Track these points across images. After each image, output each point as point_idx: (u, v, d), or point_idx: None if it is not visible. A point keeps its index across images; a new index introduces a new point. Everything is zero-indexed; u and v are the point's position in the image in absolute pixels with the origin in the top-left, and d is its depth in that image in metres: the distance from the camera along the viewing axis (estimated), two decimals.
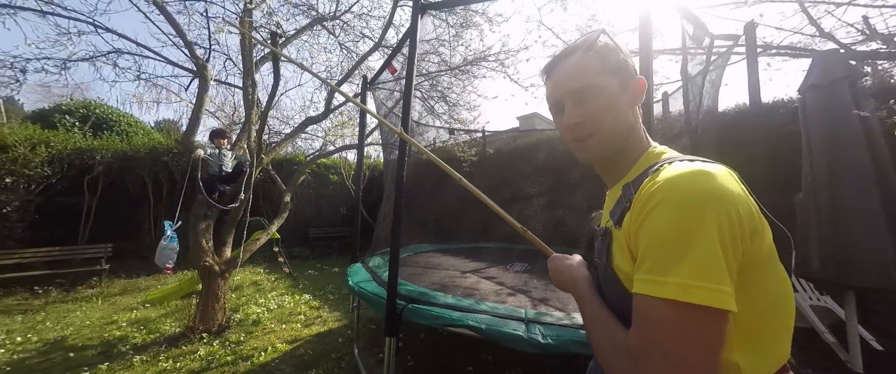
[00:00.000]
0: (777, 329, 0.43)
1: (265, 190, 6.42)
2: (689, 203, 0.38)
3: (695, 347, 0.35)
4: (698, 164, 0.42)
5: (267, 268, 5.38)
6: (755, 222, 0.40)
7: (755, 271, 0.40)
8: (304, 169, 4.49)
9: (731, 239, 0.36)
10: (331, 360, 2.40)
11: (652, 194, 0.41)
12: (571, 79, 0.53)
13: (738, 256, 0.37)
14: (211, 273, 2.82)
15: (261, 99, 4.04)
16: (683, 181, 0.40)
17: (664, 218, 0.39)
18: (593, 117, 0.52)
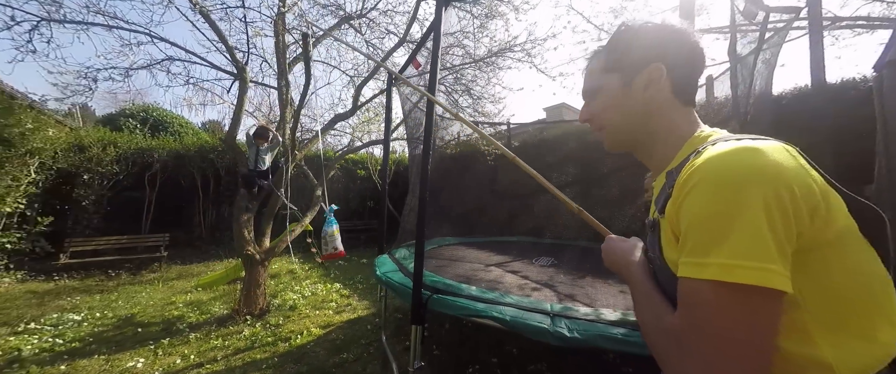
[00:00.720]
0: (870, 318, 0.38)
1: (298, 185, 6.80)
2: (730, 182, 0.36)
3: (741, 329, 0.33)
4: (745, 141, 0.40)
5: (300, 258, 5.71)
6: (816, 200, 0.36)
7: (826, 254, 0.37)
8: (333, 164, 4.69)
9: (781, 218, 0.34)
10: (360, 345, 2.52)
11: (689, 176, 0.40)
12: (584, 81, 0.60)
13: (791, 236, 0.34)
14: (252, 261, 3.06)
15: (294, 98, 4.26)
16: (724, 160, 0.38)
17: (703, 198, 0.37)
18: (598, 115, 0.57)
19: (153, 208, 5.72)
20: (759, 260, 0.33)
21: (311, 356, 2.34)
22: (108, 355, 2.32)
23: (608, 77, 0.55)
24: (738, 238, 0.34)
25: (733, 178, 0.36)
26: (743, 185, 0.35)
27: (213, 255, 5.64)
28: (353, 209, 7.68)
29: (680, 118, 0.52)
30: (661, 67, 0.51)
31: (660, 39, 0.51)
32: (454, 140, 6.14)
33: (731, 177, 0.36)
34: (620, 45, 0.54)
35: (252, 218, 3.33)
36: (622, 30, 0.54)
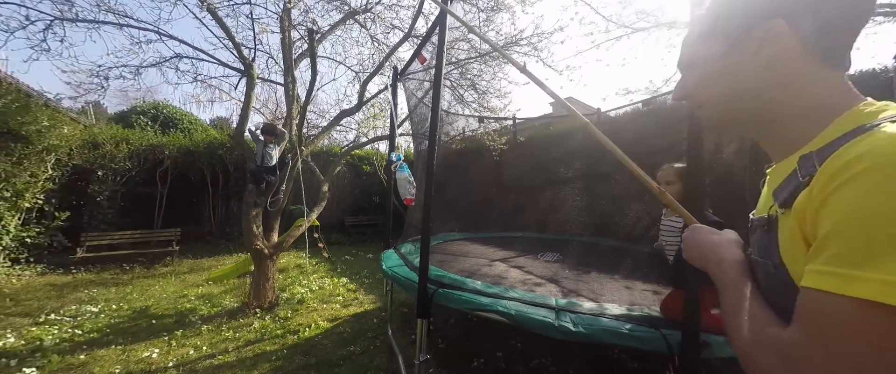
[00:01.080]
0: None
1: (305, 180, 6.87)
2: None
3: (884, 367, 0.27)
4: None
5: (308, 253, 5.79)
6: None
7: None
8: (339, 160, 4.72)
9: None
10: (367, 338, 2.56)
11: (848, 163, 0.31)
12: (682, 49, 0.51)
13: None
14: (261, 256, 3.11)
15: (300, 94, 4.29)
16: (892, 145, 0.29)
17: (870, 192, 0.29)
18: (695, 90, 0.48)
19: (165, 204, 5.85)
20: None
21: (319, 349, 2.39)
22: (125, 345, 2.40)
23: (707, 43, 0.45)
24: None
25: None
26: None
27: (224, 249, 5.76)
28: (358, 205, 7.74)
29: (821, 86, 0.39)
30: (779, 23, 0.39)
31: None
32: (459, 135, 6.13)
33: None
34: (722, 8, 0.44)
35: (260, 213, 3.39)
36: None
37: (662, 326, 1.08)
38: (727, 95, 0.45)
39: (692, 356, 0.90)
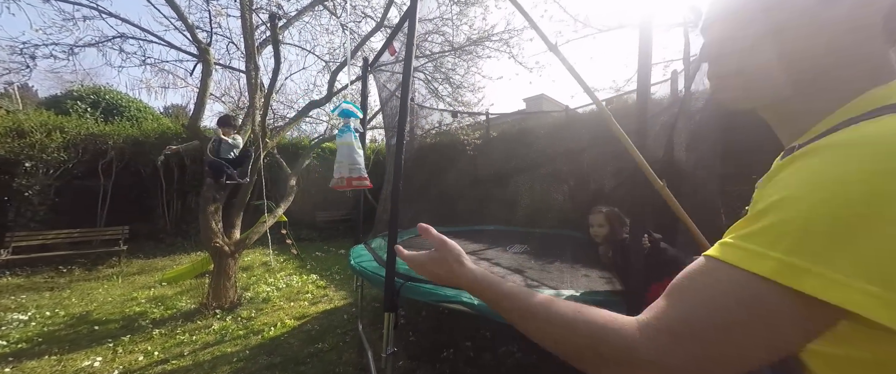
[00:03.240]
0: None
1: (272, 174, 6.55)
2: (858, 163, 0.24)
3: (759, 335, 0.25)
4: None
5: (276, 250, 5.54)
6: None
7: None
8: (308, 153, 4.54)
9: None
10: (336, 335, 2.52)
11: (807, 152, 0.28)
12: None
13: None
14: (221, 254, 2.94)
15: (265, 83, 4.05)
16: (879, 131, 0.26)
17: (806, 176, 0.26)
18: (744, 48, 0.34)
19: (109, 199, 5.31)
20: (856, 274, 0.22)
21: (285, 348, 2.31)
22: (61, 355, 2.17)
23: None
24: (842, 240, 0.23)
25: (869, 159, 0.24)
26: (881, 174, 0.23)
27: (180, 248, 5.36)
28: (330, 200, 7.51)
29: (881, 63, 0.31)
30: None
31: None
32: (434, 129, 6.11)
33: (866, 158, 0.24)
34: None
35: (220, 208, 3.19)
36: None
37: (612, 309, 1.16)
38: (793, 55, 0.32)
39: None
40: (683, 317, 0.28)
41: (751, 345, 0.26)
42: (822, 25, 0.31)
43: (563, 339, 0.34)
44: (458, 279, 0.48)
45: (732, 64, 0.36)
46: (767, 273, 0.25)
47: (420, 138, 5.42)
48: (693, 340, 0.27)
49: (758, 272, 0.25)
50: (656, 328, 0.29)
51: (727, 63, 0.37)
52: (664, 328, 0.29)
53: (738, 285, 0.26)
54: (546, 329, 0.36)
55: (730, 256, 0.27)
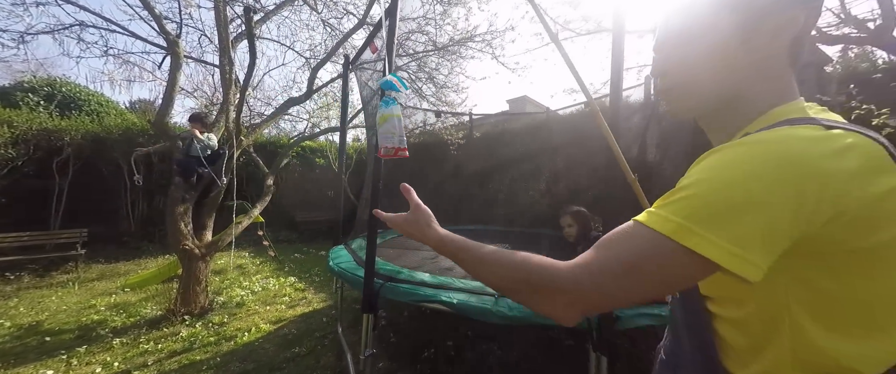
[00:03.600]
0: (875, 337, 0.35)
1: (248, 173, 6.29)
2: (752, 157, 0.32)
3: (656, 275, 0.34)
4: (811, 130, 0.34)
5: (252, 252, 5.34)
6: (861, 200, 0.31)
7: (857, 260, 0.34)
8: (286, 152, 4.40)
9: (786, 206, 0.30)
10: (314, 338, 2.45)
11: (722, 147, 0.36)
12: (678, 14, 0.44)
13: (787, 226, 0.31)
14: (191, 257, 2.79)
15: (240, 78, 3.89)
16: (767, 138, 0.34)
17: (712, 163, 0.34)
18: (683, 67, 0.43)
19: (65, 200, 4.93)
20: (732, 242, 0.31)
21: (260, 353, 2.22)
22: (5, 369, 1.99)
23: (723, 17, 0.40)
24: (726, 214, 0.31)
25: (761, 155, 0.32)
26: (771, 169, 0.31)
27: (145, 252, 5.05)
28: (310, 200, 7.32)
29: (785, 86, 0.41)
30: (798, 17, 0.38)
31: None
32: (418, 129, 6.08)
33: (759, 154, 0.32)
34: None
35: (190, 209, 3.02)
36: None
37: None
38: (720, 80, 0.41)
39: (607, 328, 1.03)
40: (601, 259, 0.36)
41: (647, 282, 0.34)
42: (743, 53, 0.40)
43: (507, 277, 0.42)
44: (427, 239, 0.55)
45: (675, 80, 0.45)
46: (668, 233, 0.33)
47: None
48: (602, 274, 0.35)
49: (662, 231, 0.33)
50: (578, 266, 0.37)
51: (671, 79, 0.45)
52: (584, 265, 0.36)
53: (647, 239, 0.34)
54: (494, 271, 0.43)
55: (647, 219, 0.35)
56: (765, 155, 0.32)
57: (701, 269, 0.32)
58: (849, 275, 0.34)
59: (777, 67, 0.41)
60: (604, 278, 0.35)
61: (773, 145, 0.33)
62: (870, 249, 0.33)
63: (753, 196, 0.31)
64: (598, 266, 0.36)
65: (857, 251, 0.33)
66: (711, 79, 0.42)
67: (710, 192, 0.33)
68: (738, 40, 0.40)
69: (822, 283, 0.35)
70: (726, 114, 0.43)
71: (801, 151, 0.32)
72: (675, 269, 0.33)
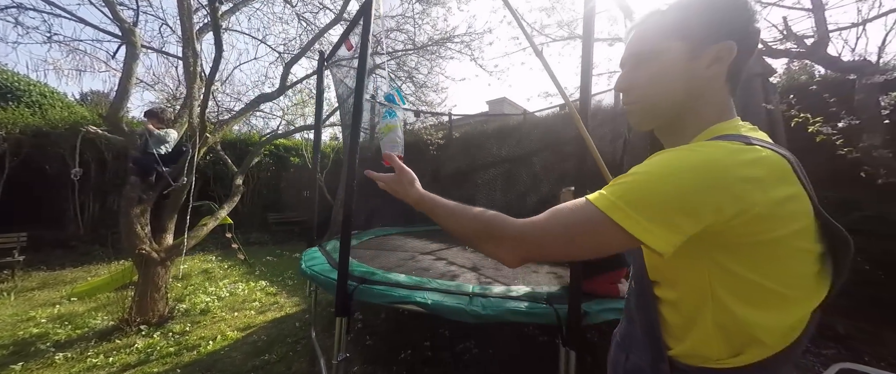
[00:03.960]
0: (779, 311, 0.43)
1: (216, 172, 5.95)
2: (679, 161, 0.41)
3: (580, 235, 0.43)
4: (731, 144, 0.41)
5: (219, 255, 5.06)
6: (757, 203, 0.38)
7: (760, 249, 0.41)
8: (258, 150, 4.20)
9: (702, 203, 0.38)
10: (286, 344, 2.36)
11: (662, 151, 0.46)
12: (638, 40, 0.51)
13: (698, 220, 0.38)
14: (148, 262, 2.59)
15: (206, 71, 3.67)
16: (694, 147, 0.43)
17: (650, 162, 0.43)
18: (641, 84, 0.51)
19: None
20: (648, 220, 0.39)
21: (226, 362, 2.11)
22: None
23: (672, 43, 0.48)
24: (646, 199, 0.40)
25: (686, 161, 0.41)
26: (688, 169, 0.39)
27: (96, 257, 4.64)
28: (284, 200, 7.04)
29: (716, 105, 0.49)
30: (733, 47, 0.45)
31: (736, 15, 0.46)
32: None
33: (685, 160, 0.41)
34: (694, 9, 0.47)
35: (148, 211, 2.81)
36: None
37: (554, 301, 1.24)
38: (672, 98, 0.49)
39: (574, 324, 1.07)
40: (549, 221, 0.45)
41: (576, 243, 0.43)
42: (690, 75, 0.48)
43: (469, 226, 0.52)
44: (409, 197, 0.64)
45: (637, 96, 0.52)
46: (603, 208, 0.42)
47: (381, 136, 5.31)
48: (545, 233, 0.45)
49: (598, 206, 0.42)
50: (528, 222, 0.46)
51: (634, 96, 0.53)
52: (532, 222, 0.46)
53: (588, 212, 0.43)
54: (459, 221, 0.53)
55: (592, 197, 0.44)
56: (692, 159, 0.41)
57: (624, 239, 0.41)
58: (755, 261, 0.42)
59: (718, 90, 0.49)
60: (546, 235, 0.45)
61: (701, 153, 0.41)
62: (770, 241, 0.41)
63: (676, 188, 0.39)
64: (542, 226, 0.45)
65: (761, 243, 0.41)
66: (665, 98, 0.50)
67: (646, 181, 0.41)
68: (684, 65, 0.48)
69: (735, 267, 0.43)
70: (678, 128, 0.52)
71: (719, 159, 0.40)
72: (603, 236, 0.42)
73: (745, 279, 0.42)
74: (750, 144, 0.42)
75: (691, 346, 0.48)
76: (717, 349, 0.45)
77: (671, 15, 0.49)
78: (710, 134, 0.48)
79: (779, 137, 1.66)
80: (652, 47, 0.49)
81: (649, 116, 0.52)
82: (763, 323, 0.43)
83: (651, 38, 0.50)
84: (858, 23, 1.99)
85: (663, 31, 0.49)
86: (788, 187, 0.41)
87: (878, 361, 2.06)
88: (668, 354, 0.50)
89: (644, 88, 0.51)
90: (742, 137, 0.44)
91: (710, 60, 0.47)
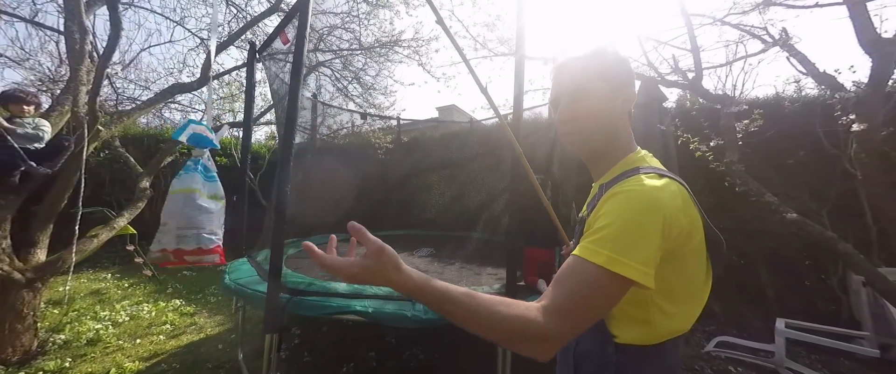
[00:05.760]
0: (688, 303, 0.58)
1: (114, 173, 4.97)
2: (636, 205, 0.49)
3: (600, 301, 0.47)
4: (655, 179, 0.53)
5: (117, 272, 4.22)
6: (682, 225, 0.51)
7: (677, 260, 0.53)
8: (172, 148, 3.63)
9: (660, 236, 0.47)
10: (206, 370, 2.07)
11: (613, 193, 0.53)
12: (571, 78, 0.61)
13: (661, 248, 0.48)
14: (7, 284, 2.05)
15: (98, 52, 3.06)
16: (639, 189, 0.51)
17: (616, 210, 0.50)
18: (580, 118, 0.60)
19: None
20: (640, 263, 0.45)
21: None
22: None
23: (601, 84, 0.59)
24: (628, 242, 0.46)
25: (640, 201, 0.49)
26: (644, 208, 0.48)
27: None
28: None
29: (628, 138, 0.63)
30: (634, 93, 0.61)
31: (630, 69, 0.62)
32: (345, 129, 5.74)
33: (639, 200, 0.49)
34: (612, 60, 0.60)
35: (7, 220, 2.22)
36: (610, 49, 0.62)
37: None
38: (596, 130, 0.60)
39: None
40: (560, 299, 0.46)
41: (596, 309, 0.47)
42: (612, 113, 0.60)
43: (497, 330, 0.45)
44: (398, 286, 0.48)
45: (574, 127, 0.61)
46: (602, 263, 0.46)
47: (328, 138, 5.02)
48: (571, 314, 0.45)
49: (597, 262, 0.46)
50: (551, 311, 0.45)
51: (572, 126, 0.62)
52: (555, 310, 0.45)
53: (589, 271, 0.46)
54: (484, 324, 0.45)
55: (583, 253, 0.48)
56: (639, 201, 0.50)
57: (624, 287, 0.46)
58: (679, 268, 0.54)
59: (626, 127, 0.63)
60: (567, 318, 0.45)
61: (641, 194, 0.50)
62: (688, 252, 0.54)
63: (641, 229, 0.47)
64: (566, 307, 0.46)
65: (682, 254, 0.53)
66: (598, 130, 0.60)
67: (620, 230, 0.48)
68: (608, 104, 0.59)
69: (667, 275, 0.52)
70: (601, 157, 0.64)
71: (657, 197, 0.50)
72: (610, 291, 0.46)
73: (672, 283, 0.54)
74: (663, 176, 0.55)
75: (631, 333, 0.58)
76: (650, 334, 0.56)
77: (593, 61, 0.60)
78: (628, 164, 0.60)
79: (671, 152, 2.01)
80: (585, 86, 0.59)
81: (586, 145, 0.62)
82: (682, 314, 0.57)
83: (586, 77, 0.60)
84: (725, 63, 2.52)
85: (591, 74, 0.59)
86: (692, 209, 0.55)
87: (742, 332, 2.61)
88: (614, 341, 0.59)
89: (583, 121, 0.60)
90: (655, 169, 0.57)
91: (623, 101, 0.60)
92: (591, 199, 0.65)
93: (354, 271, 0.48)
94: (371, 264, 0.48)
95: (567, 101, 0.61)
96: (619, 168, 0.60)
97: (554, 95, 0.64)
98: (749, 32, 2.52)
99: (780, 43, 2.08)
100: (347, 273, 0.49)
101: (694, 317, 0.59)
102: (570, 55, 0.63)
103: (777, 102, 2.95)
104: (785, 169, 2.79)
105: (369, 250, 0.49)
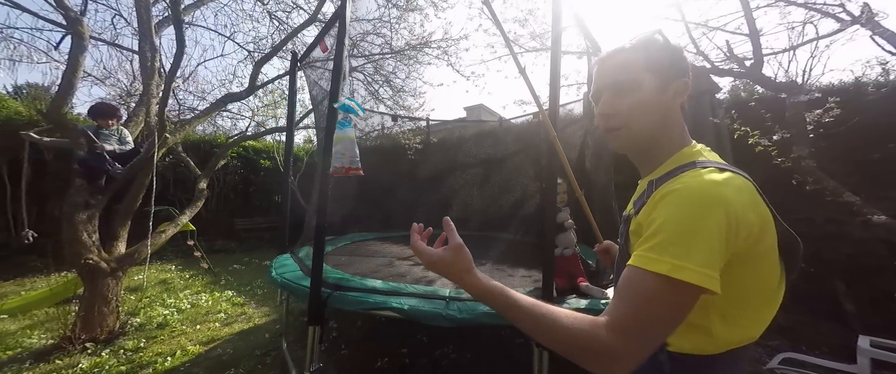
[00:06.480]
0: (757, 311, 0.51)
1: (177, 175, 5.55)
2: (695, 203, 0.44)
3: (669, 313, 0.42)
4: (715, 173, 0.47)
5: (180, 265, 4.71)
6: (751, 223, 0.45)
7: (748, 263, 0.47)
8: (224, 152, 3.98)
9: (725, 236, 0.42)
10: (254, 357, 2.24)
11: (668, 189, 0.48)
12: (614, 71, 0.57)
13: (726, 249, 0.43)
14: (96, 272, 2.37)
15: (166, 67, 3.43)
16: (697, 184, 0.46)
17: (672, 210, 0.45)
18: (624, 112, 0.55)
19: None
20: (702, 265, 0.41)
21: None
22: None
23: (648, 76, 0.54)
24: (691, 246, 0.42)
25: (699, 199, 0.44)
26: (705, 207, 0.43)
27: (34, 269, 4.17)
28: (253, 205, 6.70)
29: (680, 131, 0.57)
30: (687, 83, 0.55)
31: (683, 57, 0.56)
32: (376, 132, 5.93)
33: (697, 198, 0.44)
34: (659, 49, 0.55)
35: (96, 216, 2.57)
36: (658, 38, 0.56)
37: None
38: (644, 125, 0.55)
39: None
40: (626, 317, 0.43)
41: (665, 322, 0.43)
42: (661, 105, 0.55)
43: (563, 342, 0.44)
44: (466, 287, 0.53)
45: (617, 122, 0.57)
46: (663, 271, 0.42)
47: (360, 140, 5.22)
48: (639, 332, 0.42)
49: (656, 271, 0.42)
50: (615, 328, 0.42)
51: (615, 121, 0.57)
52: (620, 327, 0.42)
53: (647, 283, 0.43)
54: (549, 336, 0.45)
55: (640, 262, 0.45)
56: (698, 197, 0.45)
57: (693, 296, 0.42)
58: (750, 271, 0.48)
59: (679, 119, 0.57)
60: (635, 337, 0.41)
61: (700, 190, 0.46)
62: (760, 253, 0.48)
63: (702, 228, 0.42)
64: (632, 324, 0.42)
65: (753, 256, 0.47)
66: (645, 124, 0.56)
67: (677, 231, 0.43)
68: (657, 96, 0.54)
69: (736, 279, 0.47)
70: (651, 152, 0.58)
71: (719, 193, 0.45)
72: (677, 302, 0.42)
73: (741, 289, 0.48)
74: (724, 170, 0.49)
75: (686, 341, 0.52)
76: (708, 343, 0.51)
77: (638, 52, 0.55)
78: (681, 158, 0.55)
79: (725, 147, 1.84)
80: (629, 78, 0.55)
81: (632, 141, 0.57)
82: (750, 323, 0.51)
83: (628, 71, 0.55)
84: (788, 48, 2.25)
85: (635, 66, 0.55)
86: (761, 206, 0.49)
87: (813, 349, 2.31)
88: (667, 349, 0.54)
89: (626, 116, 0.55)
90: (715, 163, 0.51)
91: (674, 93, 0.55)
92: (638, 196, 0.59)
93: (434, 259, 0.56)
94: (448, 258, 0.55)
95: (608, 95, 0.57)
96: (672, 163, 0.55)
97: (596, 89, 0.60)
98: (820, 11, 2.22)
99: (863, 20, 1.81)
100: (427, 260, 0.56)
101: (763, 327, 0.52)
102: (614, 47, 0.59)
103: (858, 88, 2.56)
104: (868, 165, 2.42)
105: (451, 244, 0.56)
